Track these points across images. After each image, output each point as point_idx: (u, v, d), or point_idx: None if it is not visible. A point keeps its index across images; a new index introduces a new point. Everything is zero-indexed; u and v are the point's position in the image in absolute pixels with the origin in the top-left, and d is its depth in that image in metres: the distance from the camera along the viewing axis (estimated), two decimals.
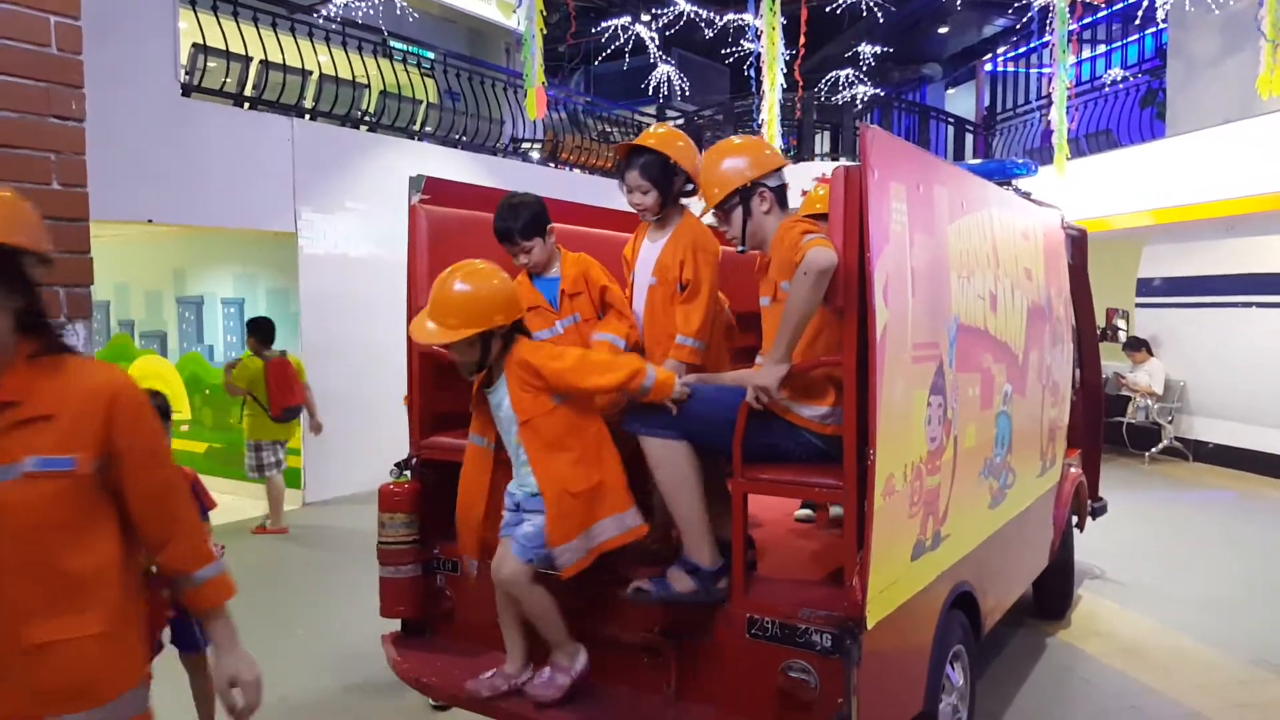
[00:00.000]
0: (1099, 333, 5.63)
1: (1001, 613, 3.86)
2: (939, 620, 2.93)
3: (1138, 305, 10.53)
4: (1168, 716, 3.78)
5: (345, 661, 4.33)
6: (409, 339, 3.20)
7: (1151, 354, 10.00)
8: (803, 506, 3.71)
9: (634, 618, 2.75)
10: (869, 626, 2.37)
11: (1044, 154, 11.14)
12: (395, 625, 3.22)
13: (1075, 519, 5.16)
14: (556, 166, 11.34)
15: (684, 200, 3.13)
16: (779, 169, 2.86)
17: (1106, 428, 7.48)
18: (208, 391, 8.91)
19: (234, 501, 8.28)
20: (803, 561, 3.01)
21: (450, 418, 3.25)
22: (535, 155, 11.34)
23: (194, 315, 9.01)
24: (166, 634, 3.11)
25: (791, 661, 2.45)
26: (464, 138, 9.67)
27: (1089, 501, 5.41)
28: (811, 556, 3.03)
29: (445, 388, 3.24)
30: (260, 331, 6.72)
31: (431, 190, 3.24)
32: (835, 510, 3.40)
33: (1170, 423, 9.88)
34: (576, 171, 11.38)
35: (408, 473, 3.17)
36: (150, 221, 6.87)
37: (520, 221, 3.05)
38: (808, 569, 2.91)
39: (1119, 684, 4.14)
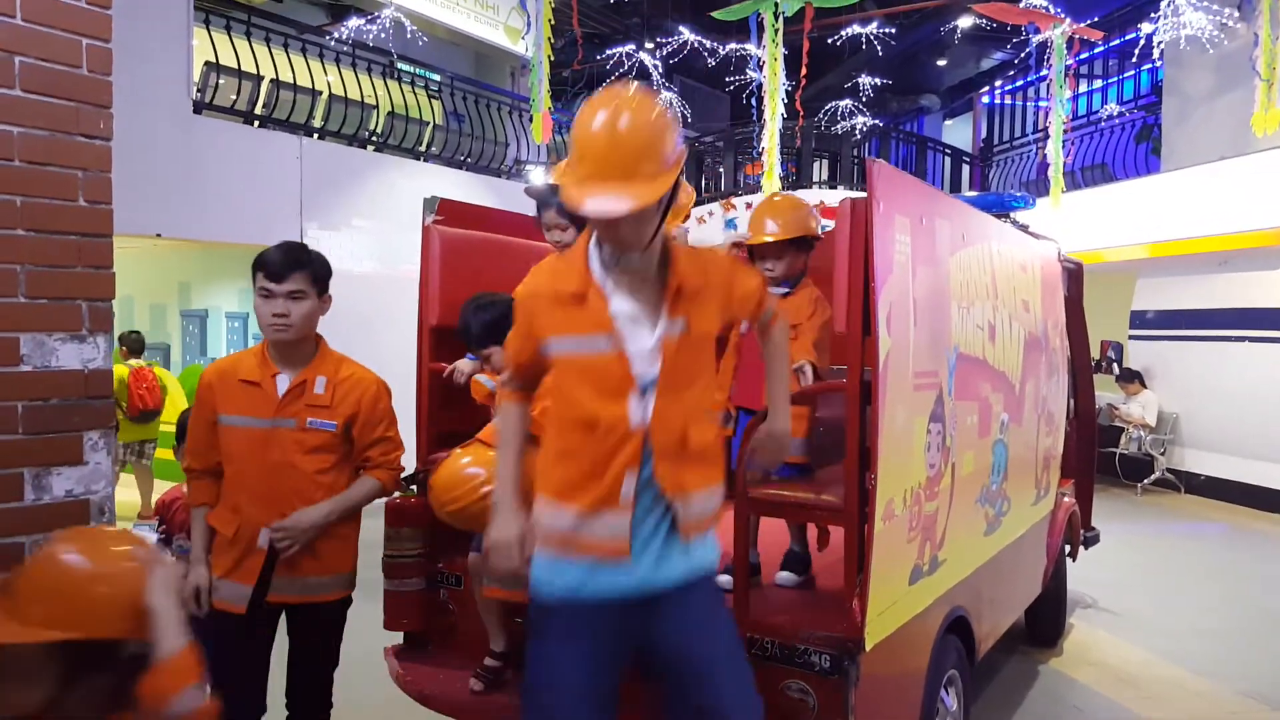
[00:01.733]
0: (1093, 364, 5.70)
1: (995, 639, 3.90)
2: (935, 644, 2.97)
3: (1131, 337, 10.64)
4: None
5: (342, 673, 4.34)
6: (419, 356, 3.27)
7: (1145, 386, 10.10)
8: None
9: None
10: (867, 648, 2.42)
11: (1040, 186, 11.29)
12: (397, 638, 3.26)
13: (1068, 548, 5.21)
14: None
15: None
16: None
17: (1100, 458, 7.54)
18: None
19: None
20: (802, 584, 3.05)
21: (457, 435, 3.30)
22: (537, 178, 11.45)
23: (198, 328, 9.06)
24: None
25: (790, 681, 2.49)
26: (468, 159, 9.78)
27: (1082, 531, 5.46)
28: (810, 579, 3.07)
29: (452, 405, 3.30)
30: (127, 342, 7.35)
31: (445, 211, 3.31)
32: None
33: (1162, 454, 9.96)
34: None
35: (414, 488, 3.21)
36: (159, 236, 6.94)
37: (479, 323, 2.85)
38: (806, 591, 2.95)
39: (1111, 712, 4.17)
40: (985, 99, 15.91)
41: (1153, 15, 9.80)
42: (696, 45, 12.66)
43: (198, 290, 9.15)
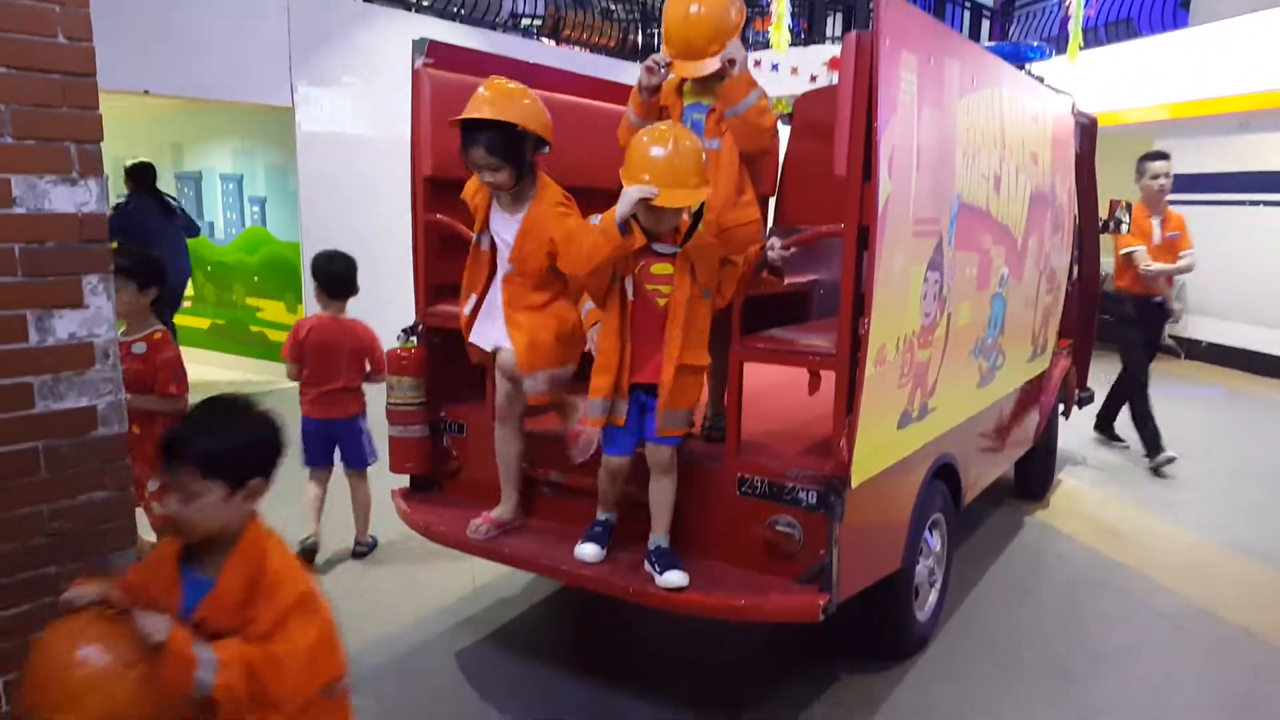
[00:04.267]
0: (1101, 225, 5.63)
1: (982, 488, 4.02)
2: (921, 488, 3.07)
3: None
4: (1136, 590, 3.98)
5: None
6: (414, 208, 3.24)
7: None
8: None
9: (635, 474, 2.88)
10: (853, 485, 2.50)
11: (1061, 42, 10.80)
12: (405, 481, 3.39)
13: (1062, 406, 5.30)
14: (559, 44, 11.03)
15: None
16: None
17: (1104, 325, 7.49)
18: (209, 268, 8.93)
19: (243, 376, 8.44)
20: (792, 428, 3.12)
21: (454, 288, 3.31)
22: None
23: (193, 191, 8.94)
24: None
25: (778, 516, 2.60)
26: (461, 10, 9.39)
27: (1077, 390, 5.54)
28: (800, 424, 3.14)
29: (449, 258, 3.29)
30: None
31: (435, 54, 3.19)
32: None
33: None
34: (579, 50, 11.07)
35: (414, 339, 3.25)
36: (146, 92, 6.77)
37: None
38: (797, 435, 3.02)
39: (1092, 560, 4.34)
40: None
41: None
42: None
43: (190, 151, 8.97)
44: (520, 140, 2.69)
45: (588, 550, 2.76)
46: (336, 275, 4.12)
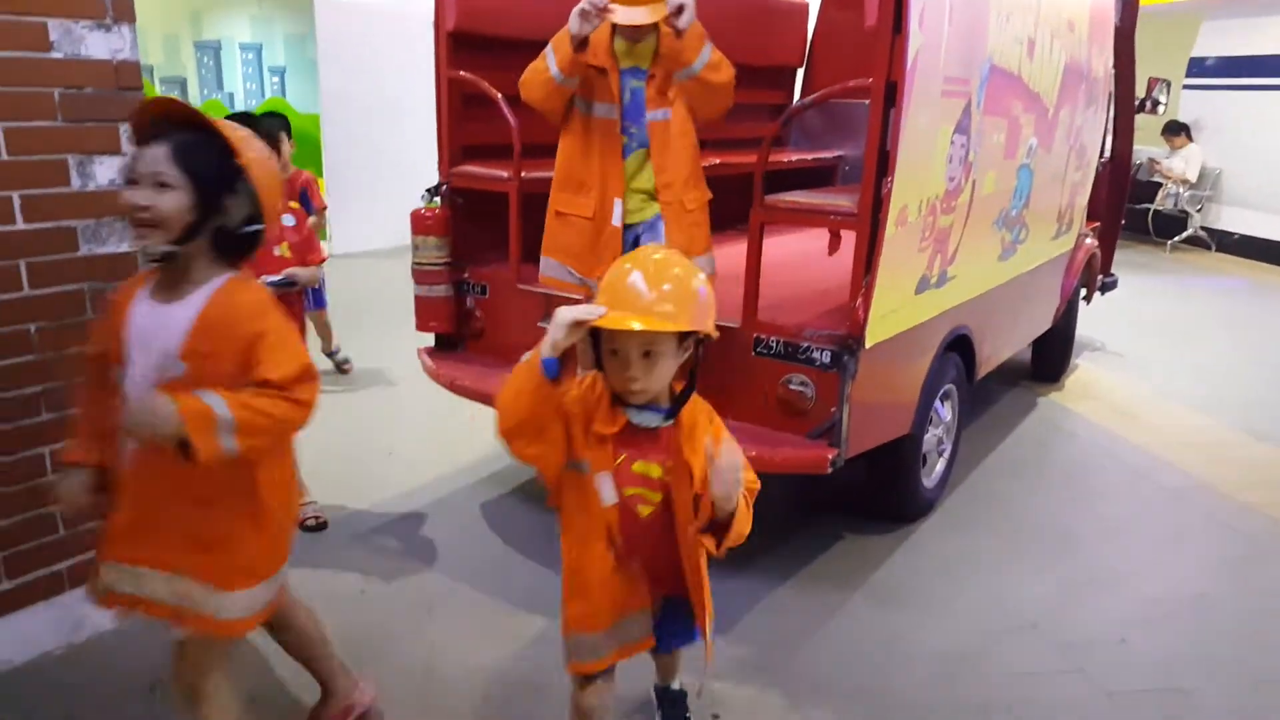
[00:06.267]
0: (1138, 104, 5.48)
1: (996, 364, 4.06)
2: (935, 356, 3.13)
3: (1185, 87, 10.08)
4: (1143, 466, 4.07)
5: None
6: (437, 65, 3.22)
7: (1190, 139, 9.71)
8: None
9: None
10: (867, 346, 2.56)
11: None
12: (430, 340, 3.49)
13: (1084, 290, 5.28)
14: None
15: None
16: None
17: (1133, 215, 7.38)
18: None
19: None
20: (809, 294, 3.14)
21: (478, 149, 3.33)
22: None
23: (213, 61, 8.82)
24: None
25: (791, 375, 2.67)
26: None
27: (1100, 275, 5.51)
28: (817, 292, 3.17)
29: (474, 119, 3.29)
30: None
31: None
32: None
33: (1199, 211, 9.77)
34: None
35: (438, 199, 3.28)
36: None
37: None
38: (813, 300, 3.05)
39: (1101, 438, 4.42)
40: None
41: None
42: None
43: (209, 19, 8.80)
44: (221, 171, 1.61)
45: None
46: None
